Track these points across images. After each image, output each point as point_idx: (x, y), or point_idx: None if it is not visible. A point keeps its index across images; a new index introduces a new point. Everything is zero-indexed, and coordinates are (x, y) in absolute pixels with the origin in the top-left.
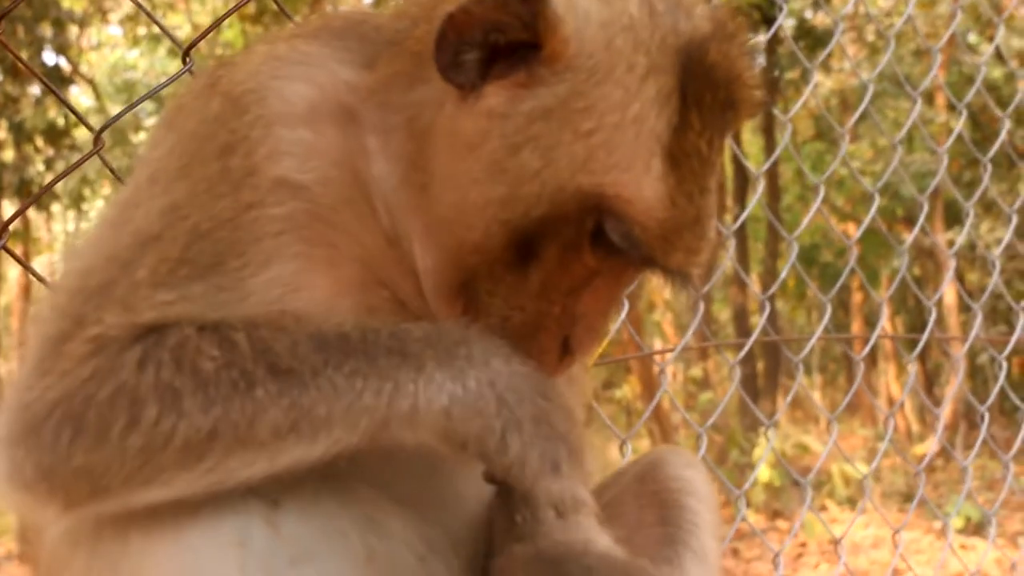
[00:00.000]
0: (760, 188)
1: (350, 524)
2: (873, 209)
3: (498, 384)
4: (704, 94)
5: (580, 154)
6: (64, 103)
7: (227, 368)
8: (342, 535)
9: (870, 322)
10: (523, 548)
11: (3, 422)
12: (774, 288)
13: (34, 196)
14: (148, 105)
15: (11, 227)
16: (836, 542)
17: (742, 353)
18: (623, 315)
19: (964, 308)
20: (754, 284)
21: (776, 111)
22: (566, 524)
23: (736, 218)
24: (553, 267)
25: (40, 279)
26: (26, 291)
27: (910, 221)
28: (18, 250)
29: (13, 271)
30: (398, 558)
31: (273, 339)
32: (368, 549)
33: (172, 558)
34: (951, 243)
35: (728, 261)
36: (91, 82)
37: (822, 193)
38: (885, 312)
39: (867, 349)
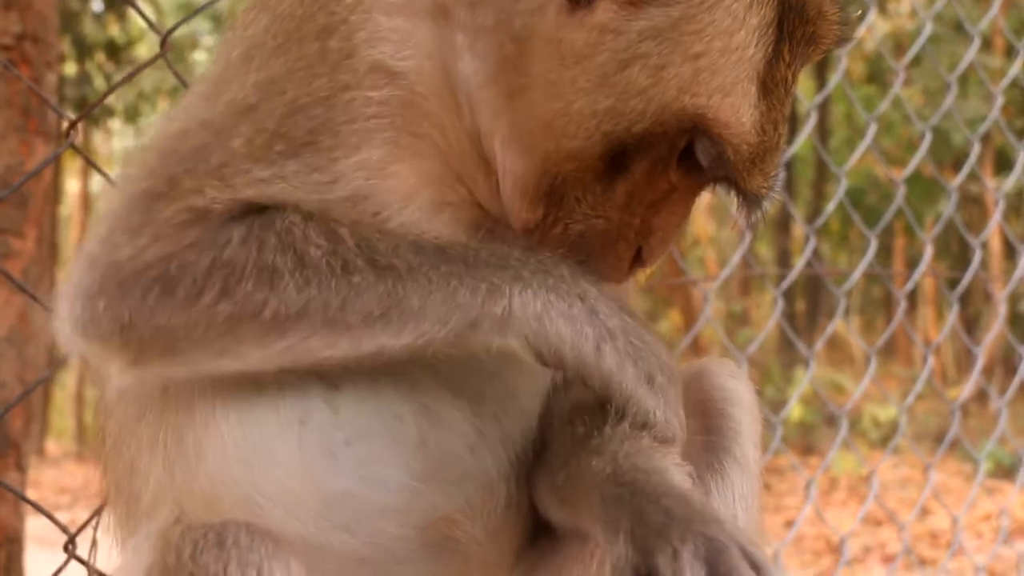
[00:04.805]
0: (811, 123)
1: (406, 410)
2: (923, 148)
3: (589, 298)
4: (797, 28)
5: (687, 75)
6: (135, 8)
7: (331, 256)
8: (397, 419)
9: (913, 266)
10: (601, 464)
11: (85, 274)
12: (820, 221)
13: (107, 91)
14: (205, 25)
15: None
16: (867, 478)
17: (786, 282)
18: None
19: (1008, 255)
20: (799, 222)
21: None
22: (650, 450)
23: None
24: (640, 180)
25: (105, 175)
26: (85, 203)
27: (958, 169)
28: (77, 163)
29: (73, 184)
30: (449, 446)
31: (376, 238)
32: (421, 435)
33: (234, 430)
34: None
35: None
36: None
37: (872, 130)
38: (928, 251)
39: (910, 284)
